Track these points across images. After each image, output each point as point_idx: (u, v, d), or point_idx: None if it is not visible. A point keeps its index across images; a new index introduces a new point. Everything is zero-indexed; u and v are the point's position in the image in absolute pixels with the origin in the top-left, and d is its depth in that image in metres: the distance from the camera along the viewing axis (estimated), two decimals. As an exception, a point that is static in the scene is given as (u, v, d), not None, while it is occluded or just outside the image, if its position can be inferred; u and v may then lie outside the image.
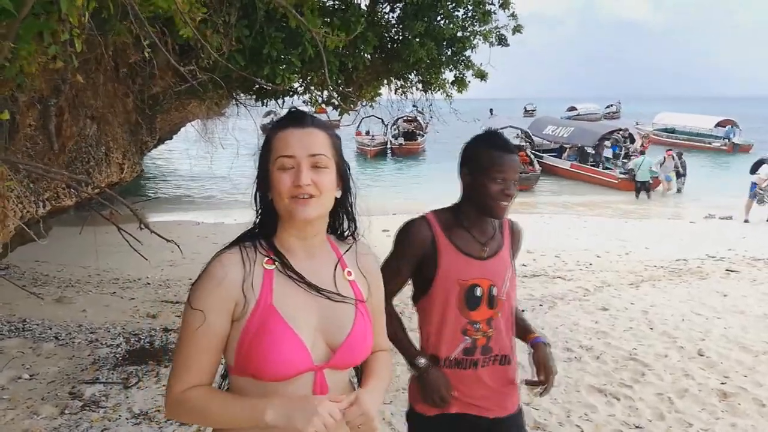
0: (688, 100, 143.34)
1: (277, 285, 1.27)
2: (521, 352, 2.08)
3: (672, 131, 32.06)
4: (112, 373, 4.31)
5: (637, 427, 3.61)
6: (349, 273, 1.39)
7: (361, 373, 1.44)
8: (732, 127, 30.14)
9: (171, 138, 12.21)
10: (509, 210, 1.93)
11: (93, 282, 7.32)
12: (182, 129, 11.33)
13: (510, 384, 2.03)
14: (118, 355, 4.67)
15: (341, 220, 1.42)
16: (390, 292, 1.99)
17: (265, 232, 1.33)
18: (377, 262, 1.50)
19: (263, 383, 1.24)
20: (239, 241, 1.31)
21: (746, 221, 13.13)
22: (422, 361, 1.97)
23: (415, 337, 2.04)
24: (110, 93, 4.01)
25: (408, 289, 2.06)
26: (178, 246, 2.54)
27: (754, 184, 13.60)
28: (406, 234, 1.94)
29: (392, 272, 1.92)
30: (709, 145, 29.00)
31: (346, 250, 1.41)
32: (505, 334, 2.00)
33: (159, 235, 2.69)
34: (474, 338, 1.95)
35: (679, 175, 18.13)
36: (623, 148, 20.74)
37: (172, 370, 1.29)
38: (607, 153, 20.55)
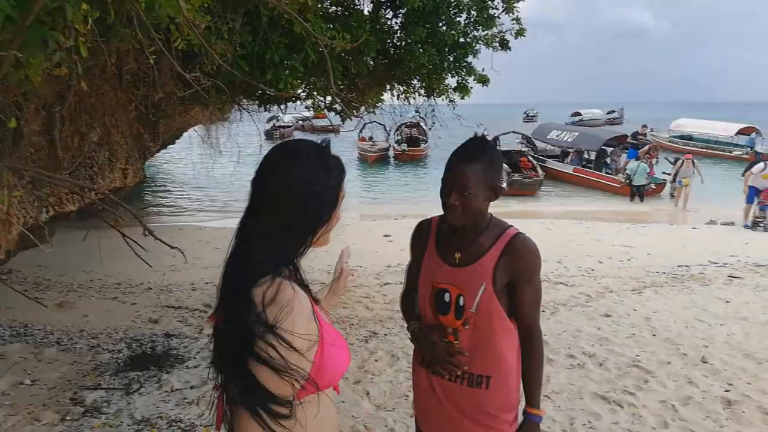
0: (692, 105, 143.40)
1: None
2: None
3: (689, 138, 30.26)
4: (114, 379, 4.30)
5: (640, 435, 3.59)
6: None
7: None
8: (755, 134, 27.92)
9: (173, 143, 12.25)
10: (462, 219, 1.84)
11: (95, 287, 7.31)
12: (185, 134, 11.35)
13: (482, 413, 1.89)
14: (119, 361, 4.66)
15: None
16: (409, 288, 2.11)
17: (294, 260, 1.36)
18: None
19: (318, 394, 1.33)
20: (274, 268, 1.31)
21: (746, 226, 13.06)
22: (414, 326, 2.02)
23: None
24: (114, 99, 4.01)
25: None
26: (183, 253, 2.53)
27: (752, 189, 13.43)
28: (414, 232, 2.09)
29: (408, 267, 2.12)
30: (729, 154, 27.14)
31: None
32: (477, 353, 1.88)
33: (164, 242, 2.69)
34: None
35: (675, 179, 18.20)
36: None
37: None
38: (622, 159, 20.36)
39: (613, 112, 60.48)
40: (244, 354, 1.23)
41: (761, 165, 13.45)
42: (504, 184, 17.32)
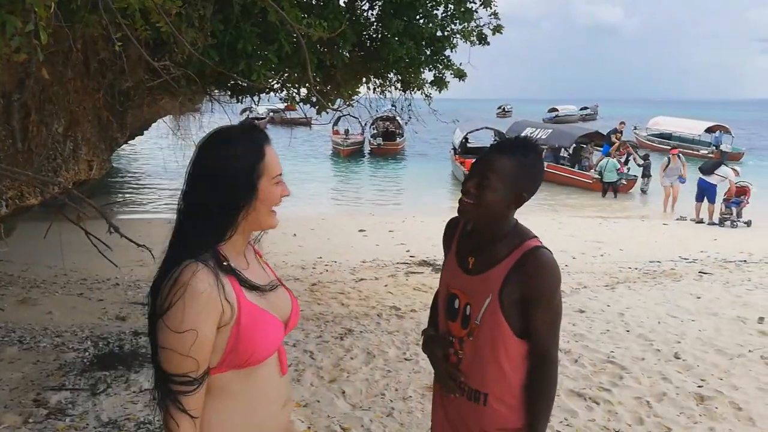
0: (666, 103, 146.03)
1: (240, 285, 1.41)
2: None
3: (669, 137, 29.57)
4: (80, 379, 4.13)
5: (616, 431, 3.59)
6: (261, 257, 1.58)
7: None
8: (721, 133, 27.55)
9: (141, 134, 11.96)
10: (473, 212, 1.72)
11: (59, 282, 7.08)
12: (154, 124, 11.08)
13: (480, 431, 1.78)
14: (85, 360, 4.50)
15: None
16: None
17: (215, 241, 1.38)
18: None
19: (245, 370, 1.37)
20: (192, 255, 1.33)
21: (713, 223, 13.27)
22: (427, 333, 1.95)
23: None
24: (79, 88, 3.84)
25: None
26: (151, 252, 2.39)
27: (712, 186, 13.42)
28: (444, 229, 1.96)
29: (443, 266, 1.96)
30: (696, 152, 26.21)
31: (255, 242, 1.60)
32: (478, 367, 1.76)
33: (131, 240, 2.57)
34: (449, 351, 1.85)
35: (644, 176, 18.42)
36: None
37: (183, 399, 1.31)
38: (596, 155, 20.48)
39: (586, 108, 61.14)
40: (150, 338, 1.34)
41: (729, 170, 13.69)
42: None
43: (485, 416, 1.75)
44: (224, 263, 1.35)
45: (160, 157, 17.18)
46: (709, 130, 28.07)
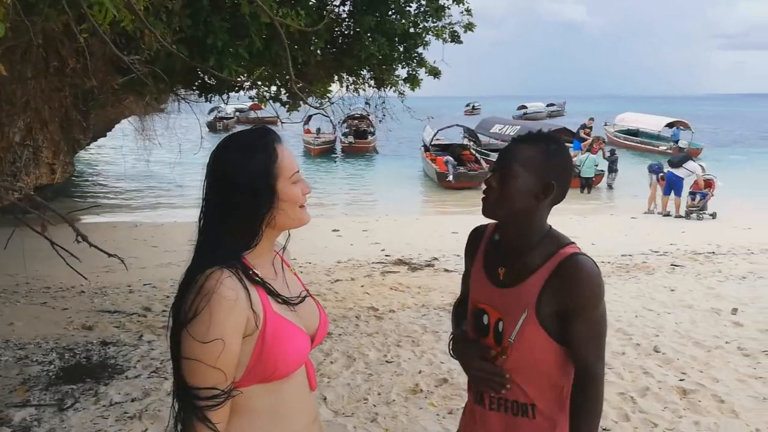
0: (629, 99, 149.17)
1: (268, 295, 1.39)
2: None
3: (635, 133, 29.69)
4: (45, 394, 3.93)
5: (604, 429, 3.55)
6: (290, 267, 1.56)
7: None
8: (678, 128, 27.58)
9: (104, 135, 11.61)
10: (495, 207, 1.58)
11: (21, 291, 6.77)
12: (117, 125, 10.76)
13: None
14: (51, 374, 4.28)
15: None
16: (462, 298, 1.85)
17: (240, 250, 1.35)
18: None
19: (270, 384, 1.33)
20: (219, 263, 1.29)
21: (680, 216, 13.50)
22: (455, 335, 1.79)
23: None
24: (39, 87, 3.64)
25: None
26: (122, 260, 2.25)
27: (680, 179, 13.59)
28: (468, 238, 1.80)
29: (463, 276, 1.85)
30: (656, 148, 26.25)
31: (282, 250, 1.56)
32: (519, 382, 1.60)
33: (100, 249, 2.41)
34: None
35: (611, 171, 18.65)
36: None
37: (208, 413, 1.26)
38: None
39: (553, 105, 61.88)
40: (171, 351, 1.29)
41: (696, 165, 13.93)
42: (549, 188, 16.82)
43: (534, 430, 1.61)
44: (251, 272, 1.33)
45: (125, 159, 16.76)
46: (670, 126, 28.32)
